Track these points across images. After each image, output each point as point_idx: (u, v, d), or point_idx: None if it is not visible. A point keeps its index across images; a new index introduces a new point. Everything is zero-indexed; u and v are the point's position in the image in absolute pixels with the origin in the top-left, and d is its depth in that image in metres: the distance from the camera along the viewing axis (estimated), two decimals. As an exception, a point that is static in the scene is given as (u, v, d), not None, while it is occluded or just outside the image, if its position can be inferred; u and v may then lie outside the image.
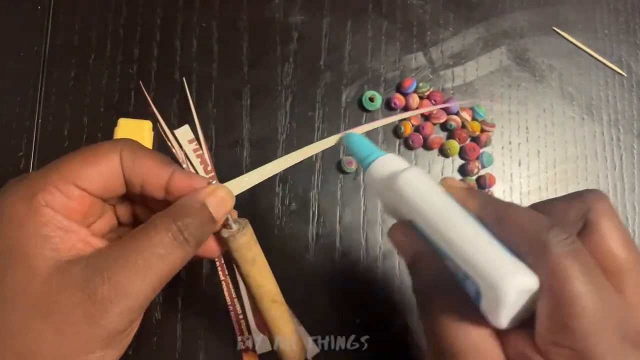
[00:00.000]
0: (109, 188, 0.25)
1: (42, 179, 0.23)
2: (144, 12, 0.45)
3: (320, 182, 0.43)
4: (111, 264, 0.22)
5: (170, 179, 0.25)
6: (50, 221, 0.23)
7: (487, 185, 0.43)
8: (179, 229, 0.23)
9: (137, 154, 0.25)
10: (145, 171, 0.25)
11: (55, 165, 0.24)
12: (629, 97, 0.47)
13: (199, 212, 0.24)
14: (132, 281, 0.22)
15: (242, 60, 0.45)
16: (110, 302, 0.22)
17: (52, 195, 0.23)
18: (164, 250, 0.23)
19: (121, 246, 0.23)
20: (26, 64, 0.44)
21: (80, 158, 0.24)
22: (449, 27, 0.47)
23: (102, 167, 0.24)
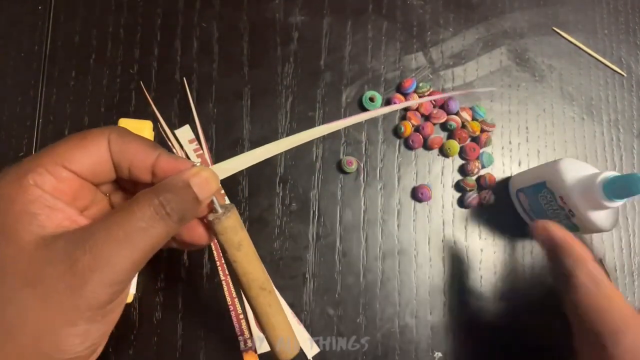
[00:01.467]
0: (98, 171, 0.26)
1: (32, 162, 0.24)
2: (145, 12, 0.45)
3: (321, 182, 0.43)
4: (93, 236, 0.23)
5: (156, 161, 0.26)
6: (38, 199, 0.23)
7: (487, 185, 0.43)
8: (160, 203, 0.24)
9: (124, 138, 0.26)
10: (132, 154, 0.26)
11: (46, 149, 0.25)
12: (628, 97, 0.47)
13: (182, 190, 0.25)
14: (112, 252, 0.23)
15: (242, 60, 0.45)
16: (90, 271, 0.22)
17: (41, 176, 0.24)
18: (145, 224, 0.24)
19: (104, 220, 0.24)
20: (26, 64, 0.44)
21: (70, 142, 0.25)
22: (449, 28, 0.47)
23: (91, 151, 0.25)
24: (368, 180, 0.43)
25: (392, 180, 0.43)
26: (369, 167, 0.43)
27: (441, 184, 0.44)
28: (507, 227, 0.43)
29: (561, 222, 0.39)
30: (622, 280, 0.43)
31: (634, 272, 0.44)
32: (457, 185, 0.44)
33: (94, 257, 0.22)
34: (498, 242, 0.43)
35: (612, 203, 0.34)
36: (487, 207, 0.43)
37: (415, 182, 0.44)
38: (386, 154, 0.44)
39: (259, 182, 0.42)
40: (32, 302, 0.22)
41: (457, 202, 0.44)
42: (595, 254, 0.44)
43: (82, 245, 0.23)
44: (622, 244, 0.44)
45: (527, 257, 0.43)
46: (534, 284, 0.43)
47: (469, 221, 0.43)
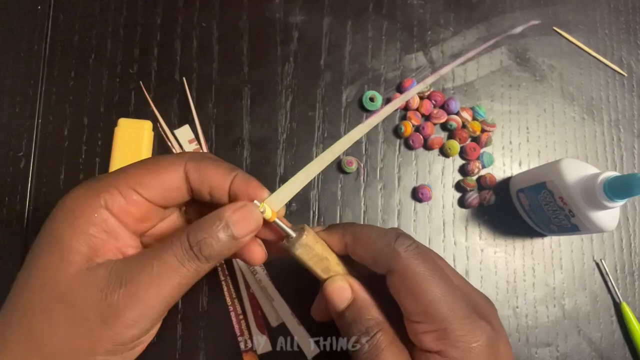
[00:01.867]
0: (169, 198, 0.27)
1: (107, 181, 0.25)
2: (144, 12, 0.45)
3: (321, 182, 0.43)
4: (130, 270, 0.24)
5: (232, 183, 0.27)
6: (100, 223, 0.24)
7: (488, 185, 0.43)
8: (191, 244, 0.24)
9: (201, 164, 0.26)
10: (210, 179, 0.26)
11: (123, 170, 0.26)
12: (629, 97, 0.47)
13: (217, 230, 0.25)
14: (146, 288, 0.24)
15: (242, 60, 0.45)
16: (124, 306, 0.23)
17: (113, 197, 0.25)
18: (176, 262, 0.24)
19: (142, 255, 0.25)
20: (26, 64, 0.44)
21: (146, 167, 0.26)
22: (450, 27, 0.47)
23: (164, 178, 0.26)
24: (368, 181, 0.43)
25: (392, 181, 0.43)
26: (369, 167, 0.43)
27: (441, 184, 0.44)
28: (508, 228, 0.43)
29: (561, 222, 0.39)
30: (623, 281, 0.43)
31: (634, 272, 0.44)
32: (457, 186, 0.44)
33: (128, 292, 0.23)
34: (498, 242, 0.43)
35: (613, 203, 0.34)
36: (488, 208, 0.43)
37: (415, 182, 0.43)
38: (386, 154, 0.44)
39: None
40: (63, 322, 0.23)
41: (457, 203, 0.44)
42: (595, 254, 0.44)
43: (120, 277, 0.24)
44: (623, 244, 0.44)
45: (528, 257, 0.43)
46: (534, 284, 0.43)
47: (469, 221, 0.43)
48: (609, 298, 0.43)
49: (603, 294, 0.43)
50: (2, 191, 0.41)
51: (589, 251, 0.44)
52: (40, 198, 0.41)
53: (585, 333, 0.42)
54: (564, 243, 0.44)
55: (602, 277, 0.43)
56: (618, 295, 0.43)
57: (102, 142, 0.42)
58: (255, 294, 0.40)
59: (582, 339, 0.42)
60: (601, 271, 0.43)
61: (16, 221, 0.41)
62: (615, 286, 0.43)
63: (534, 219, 0.42)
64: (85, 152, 0.42)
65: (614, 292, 0.43)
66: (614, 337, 0.42)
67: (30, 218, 0.41)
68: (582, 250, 0.44)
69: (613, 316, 0.43)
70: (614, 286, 0.43)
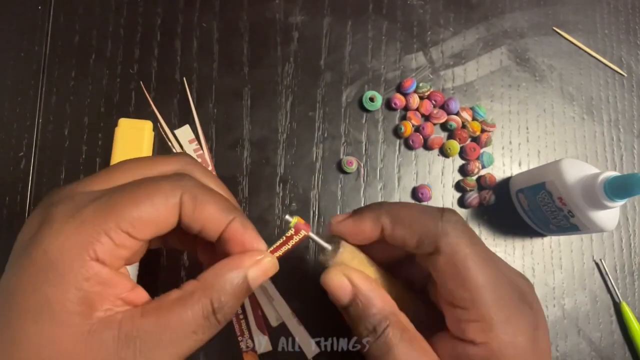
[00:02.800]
0: (160, 232, 0.24)
1: (95, 225, 0.22)
2: (145, 12, 0.45)
3: (321, 182, 0.43)
4: (143, 337, 0.22)
5: (227, 227, 0.24)
6: (94, 277, 0.22)
7: (488, 185, 0.43)
8: (213, 311, 0.23)
9: (198, 199, 0.24)
10: (205, 219, 0.24)
11: (109, 206, 0.22)
12: (629, 97, 0.47)
13: (237, 289, 0.24)
14: (160, 357, 0.22)
15: (243, 60, 0.45)
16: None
17: (103, 246, 0.22)
18: (195, 329, 0.23)
19: (156, 318, 0.22)
20: (26, 64, 0.44)
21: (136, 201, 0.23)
22: (449, 27, 0.47)
23: (159, 215, 0.23)
24: (368, 181, 0.43)
25: (392, 181, 0.43)
26: (369, 167, 0.43)
27: (441, 184, 0.44)
28: (508, 228, 0.43)
29: (560, 222, 0.39)
30: (623, 280, 0.43)
31: (634, 272, 0.44)
32: (457, 186, 0.44)
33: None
34: (498, 242, 0.43)
35: (613, 203, 0.34)
36: (488, 208, 0.43)
37: (415, 182, 0.44)
38: (386, 154, 0.44)
39: (259, 182, 0.42)
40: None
41: (457, 203, 0.44)
42: (595, 254, 0.44)
43: (132, 344, 0.22)
44: (623, 244, 0.44)
45: (527, 257, 0.43)
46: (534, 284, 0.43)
47: (469, 221, 0.43)
48: (608, 298, 0.43)
49: (603, 294, 0.43)
50: (2, 191, 0.41)
51: (589, 251, 0.44)
52: (40, 198, 0.41)
53: (584, 333, 0.42)
54: (563, 243, 0.44)
55: (601, 277, 0.43)
56: (618, 295, 0.43)
57: (103, 142, 0.42)
58: (255, 294, 0.40)
59: (582, 339, 0.42)
60: (601, 271, 0.43)
61: (16, 221, 0.41)
62: (615, 286, 0.43)
63: (534, 219, 0.42)
64: (86, 152, 0.42)
65: (613, 292, 0.43)
66: (614, 337, 0.42)
67: (31, 218, 0.41)
68: (581, 250, 0.44)
69: (613, 316, 0.43)
70: (613, 286, 0.43)
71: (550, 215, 0.39)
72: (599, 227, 0.36)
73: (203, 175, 0.27)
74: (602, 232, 0.40)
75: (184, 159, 0.27)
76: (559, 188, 0.37)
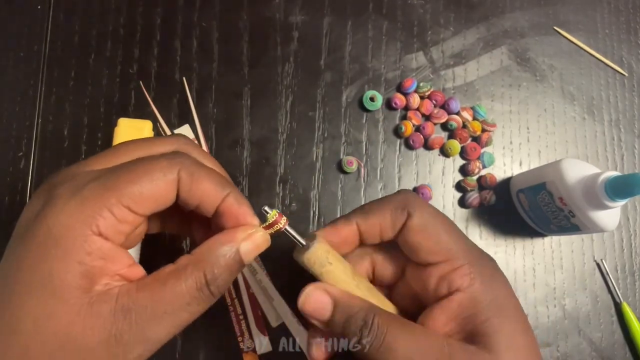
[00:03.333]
0: (160, 208, 0.25)
1: (97, 201, 0.23)
2: (144, 12, 0.45)
3: (321, 182, 0.43)
4: (138, 307, 0.23)
5: (223, 201, 0.25)
6: (96, 251, 0.22)
7: (488, 185, 0.43)
8: (206, 283, 0.24)
9: (194, 175, 0.25)
10: (202, 194, 0.25)
11: (111, 183, 0.23)
12: (630, 97, 0.47)
13: (230, 262, 0.24)
14: (157, 330, 0.23)
15: (242, 60, 0.45)
16: (134, 344, 0.22)
17: (105, 220, 0.23)
18: (190, 301, 0.23)
19: (151, 291, 0.23)
20: (26, 64, 0.43)
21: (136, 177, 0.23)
22: (450, 27, 0.47)
23: (158, 190, 0.24)
24: (368, 181, 0.43)
25: (392, 181, 0.43)
26: (370, 167, 0.43)
27: (442, 184, 0.44)
28: (508, 228, 0.43)
29: (560, 222, 0.39)
30: (623, 281, 0.43)
31: (634, 272, 0.44)
32: (457, 186, 0.44)
33: (139, 332, 0.22)
34: (499, 242, 0.43)
35: (614, 203, 0.34)
36: (488, 208, 0.43)
37: (415, 182, 0.43)
38: (387, 154, 0.44)
39: (259, 182, 0.42)
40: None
41: (457, 203, 0.43)
42: (595, 254, 0.44)
43: (129, 317, 0.22)
44: (623, 244, 0.44)
45: (528, 257, 0.43)
46: (534, 284, 0.43)
47: (469, 221, 0.43)
48: (609, 298, 0.43)
49: (603, 294, 0.43)
50: (2, 191, 0.41)
51: (590, 251, 0.44)
52: (40, 198, 0.41)
53: (585, 333, 0.42)
54: (564, 243, 0.44)
55: (602, 277, 0.43)
56: (618, 295, 0.43)
57: (102, 142, 0.42)
58: (255, 294, 0.40)
59: (583, 339, 0.42)
60: (602, 271, 0.43)
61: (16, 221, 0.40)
62: (615, 286, 0.43)
63: (534, 219, 0.42)
64: (85, 152, 0.42)
65: (614, 292, 0.43)
66: (615, 337, 0.42)
67: (30, 218, 0.41)
68: (582, 250, 0.44)
69: (613, 316, 0.43)
70: (614, 286, 0.43)
71: (551, 215, 0.39)
72: (599, 227, 0.36)
73: (199, 154, 0.28)
74: (602, 232, 0.40)
75: (181, 140, 0.28)
76: (559, 188, 0.37)
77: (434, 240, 0.27)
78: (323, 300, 0.27)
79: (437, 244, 0.27)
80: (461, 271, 0.27)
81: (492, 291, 0.27)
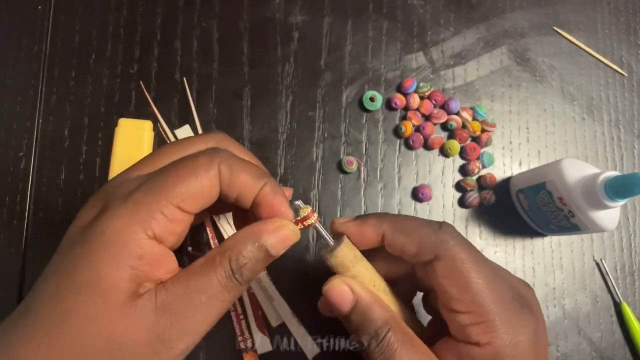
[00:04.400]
0: (207, 204, 0.25)
1: (151, 203, 0.23)
2: (145, 12, 0.45)
3: (321, 182, 0.43)
4: (176, 303, 0.23)
5: (260, 192, 0.26)
6: (147, 255, 0.23)
7: (488, 185, 0.43)
8: (233, 271, 0.24)
9: (233, 168, 0.25)
10: (240, 186, 0.25)
11: (158, 185, 0.24)
12: (629, 97, 0.47)
13: (256, 252, 0.25)
14: (195, 321, 0.24)
15: (243, 60, 0.45)
16: (177, 340, 0.23)
17: (159, 223, 0.23)
18: (221, 290, 0.24)
19: (185, 285, 0.24)
20: (26, 64, 0.44)
21: (181, 177, 0.24)
22: (450, 27, 0.47)
23: (203, 186, 0.24)
24: (368, 180, 0.43)
25: (392, 181, 0.43)
26: (370, 167, 0.43)
27: (442, 184, 0.44)
28: (508, 227, 0.43)
29: (560, 222, 0.39)
30: (623, 280, 0.43)
31: (634, 272, 0.44)
32: (457, 186, 0.44)
33: (180, 328, 0.23)
34: (499, 242, 0.43)
35: (614, 203, 0.34)
36: (488, 207, 0.43)
37: (415, 182, 0.43)
38: (387, 154, 0.44)
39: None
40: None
41: (457, 202, 0.44)
42: (595, 254, 0.44)
43: (168, 313, 0.23)
44: (623, 244, 0.44)
45: (528, 257, 0.43)
46: (534, 284, 0.43)
47: (469, 221, 0.43)
48: (609, 298, 0.43)
49: (603, 294, 0.43)
50: (2, 191, 0.41)
51: (589, 251, 0.44)
52: (40, 198, 0.41)
53: (585, 333, 0.42)
54: (564, 243, 0.44)
55: (602, 277, 0.43)
56: (618, 295, 0.43)
57: (103, 142, 0.42)
58: (255, 294, 0.40)
59: (582, 339, 0.42)
60: (601, 271, 0.43)
61: (16, 221, 0.41)
62: (615, 286, 0.43)
63: (534, 219, 0.42)
64: (86, 152, 0.42)
65: (614, 292, 0.43)
66: (614, 337, 0.42)
67: (30, 218, 0.41)
68: (582, 250, 0.44)
69: (613, 316, 0.43)
70: (614, 286, 0.43)
71: (551, 215, 0.39)
72: (599, 227, 0.36)
73: (236, 148, 0.29)
74: (602, 232, 0.40)
75: (218, 136, 0.29)
76: (559, 188, 0.37)
77: (460, 288, 0.26)
78: (346, 296, 0.27)
79: (462, 294, 0.26)
80: (483, 327, 0.25)
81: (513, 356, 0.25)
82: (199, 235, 0.41)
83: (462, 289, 0.26)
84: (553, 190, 0.37)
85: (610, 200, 0.34)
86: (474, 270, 0.26)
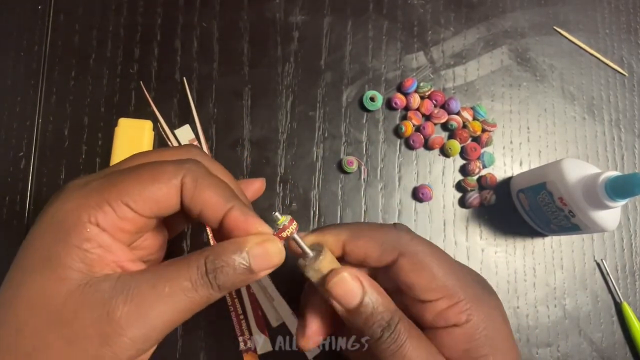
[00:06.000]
0: (162, 211, 0.25)
1: (99, 194, 0.24)
2: (145, 12, 0.45)
3: (321, 182, 0.43)
4: (138, 285, 0.23)
5: (227, 214, 0.25)
6: (94, 238, 0.23)
7: (488, 185, 0.43)
8: (207, 270, 0.23)
9: (198, 182, 0.25)
10: (204, 202, 0.25)
11: (115, 180, 0.24)
12: (630, 97, 0.47)
13: (235, 261, 0.24)
14: (153, 307, 0.22)
15: (243, 60, 0.45)
16: (127, 324, 0.22)
17: (105, 214, 0.23)
18: (189, 285, 0.23)
19: (153, 272, 0.24)
20: (26, 64, 0.43)
21: (140, 178, 0.24)
22: (450, 27, 0.47)
23: (160, 192, 0.24)
24: (369, 180, 0.43)
25: (392, 180, 0.43)
26: (370, 167, 0.43)
27: (442, 184, 0.44)
28: (509, 227, 0.43)
29: (561, 222, 0.39)
30: (624, 281, 0.43)
31: (635, 272, 0.44)
32: (458, 185, 0.44)
33: (134, 309, 0.22)
34: (499, 242, 0.43)
35: (614, 203, 0.34)
36: (488, 207, 0.43)
37: (416, 182, 0.43)
38: (387, 153, 0.44)
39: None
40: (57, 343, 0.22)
41: (458, 202, 0.43)
42: (596, 254, 0.44)
43: (125, 293, 0.22)
44: (623, 244, 0.44)
45: (528, 257, 0.43)
46: (535, 284, 0.43)
47: (470, 221, 0.43)
48: (609, 298, 0.43)
49: (604, 294, 0.43)
50: (2, 191, 0.41)
51: (590, 251, 0.44)
52: (40, 198, 0.41)
53: (586, 333, 0.42)
54: (564, 243, 0.44)
55: (602, 277, 0.43)
56: (619, 295, 0.43)
57: (103, 142, 0.42)
58: (255, 294, 0.40)
59: (583, 339, 0.42)
60: (602, 271, 0.43)
61: (16, 221, 0.41)
62: (616, 286, 0.43)
63: (534, 219, 0.42)
64: (86, 152, 0.42)
65: (614, 292, 0.43)
66: (615, 337, 0.42)
67: (30, 218, 0.41)
68: (582, 250, 0.44)
69: (614, 316, 0.43)
70: (614, 286, 0.43)
71: (551, 215, 0.39)
72: (600, 227, 0.36)
73: (211, 164, 0.28)
74: (603, 232, 0.40)
75: (192, 151, 0.28)
76: (559, 188, 0.37)
77: (428, 278, 0.27)
78: (355, 287, 0.27)
79: (432, 282, 0.27)
80: (458, 307, 0.27)
81: (490, 328, 0.27)
82: (199, 236, 0.41)
83: (431, 278, 0.27)
84: (554, 190, 0.37)
85: (610, 200, 0.34)
86: (437, 260, 0.27)
